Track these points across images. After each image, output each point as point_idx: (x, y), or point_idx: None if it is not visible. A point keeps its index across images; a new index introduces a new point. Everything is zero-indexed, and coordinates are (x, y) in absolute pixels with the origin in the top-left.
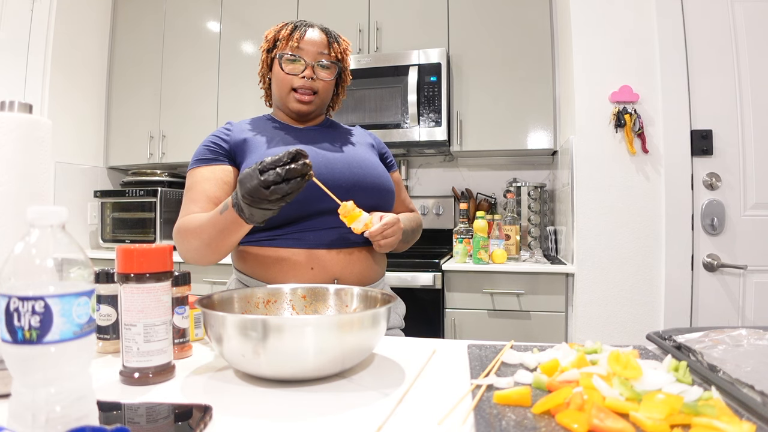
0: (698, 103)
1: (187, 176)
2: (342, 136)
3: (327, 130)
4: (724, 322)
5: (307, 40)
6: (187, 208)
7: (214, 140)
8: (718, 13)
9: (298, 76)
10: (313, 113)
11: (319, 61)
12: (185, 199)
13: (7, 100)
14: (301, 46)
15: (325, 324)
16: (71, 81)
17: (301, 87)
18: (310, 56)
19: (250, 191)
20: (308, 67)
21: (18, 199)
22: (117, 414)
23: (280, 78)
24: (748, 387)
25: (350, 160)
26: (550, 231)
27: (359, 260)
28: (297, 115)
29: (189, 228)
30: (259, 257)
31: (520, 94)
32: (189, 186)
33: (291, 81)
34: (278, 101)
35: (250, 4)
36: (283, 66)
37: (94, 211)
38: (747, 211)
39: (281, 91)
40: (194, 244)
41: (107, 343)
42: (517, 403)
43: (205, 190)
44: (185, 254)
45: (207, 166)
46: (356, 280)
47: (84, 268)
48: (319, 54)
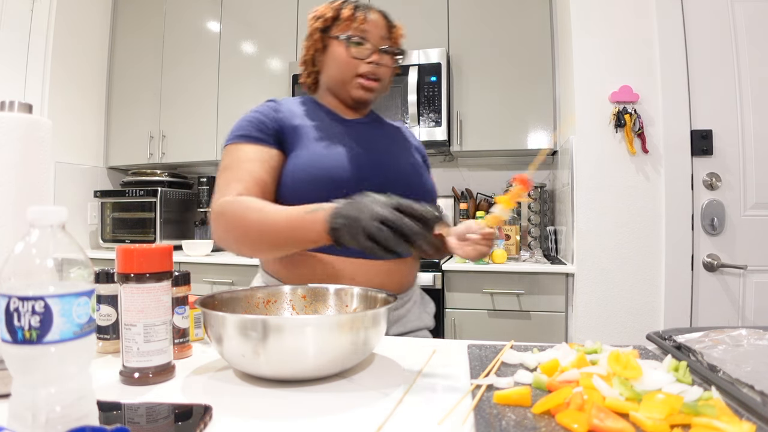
0: (698, 103)
1: (226, 151)
2: (390, 134)
3: (374, 125)
4: (724, 322)
5: (371, 21)
6: (230, 186)
7: (260, 118)
8: (718, 13)
9: (365, 61)
10: (371, 102)
11: (383, 46)
12: (225, 175)
13: (7, 100)
14: (366, 27)
15: (325, 324)
16: (71, 81)
17: (367, 73)
18: (375, 39)
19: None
20: (375, 52)
21: (18, 199)
22: (117, 414)
23: (343, 62)
24: (748, 387)
25: (403, 167)
26: (550, 231)
27: (398, 270)
28: (355, 103)
29: (241, 217)
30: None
31: (520, 94)
32: (230, 163)
33: (356, 66)
34: (335, 86)
35: (250, 4)
36: (350, 49)
37: (94, 211)
38: (747, 211)
39: (343, 76)
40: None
41: (107, 343)
42: (517, 403)
43: (251, 171)
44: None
45: (253, 145)
46: (396, 288)
47: (84, 268)
48: (382, 38)
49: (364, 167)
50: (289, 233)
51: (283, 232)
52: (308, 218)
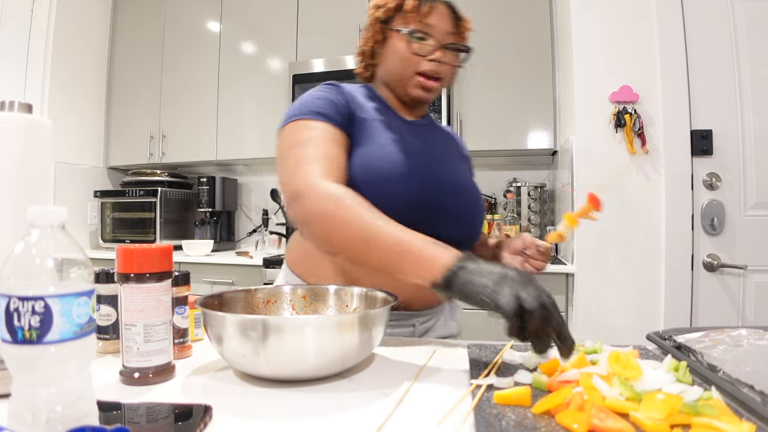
0: (698, 103)
1: (296, 127)
2: (445, 141)
3: (431, 128)
4: (724, 322)
5: (437, 14)
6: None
7: (332, 99)
8: (718, 13)
9: (426, 58)
10: (428, 102)
11: (448, 42)
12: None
13: (8, 100)
14: (430, 21)
15: (325, 324)
16: (71, 81)
17: (428, 71)
18: (439, 34)
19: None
20: (439, 49)
21: (18, 198)
22: (117, 414)
23: (404, 57)
24: (748, 387)
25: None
26: (550, 231)
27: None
28: (412, 102)
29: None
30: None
31: (520, 94)
32: (311, 138)
33: (417, 63)
34: (392, 82)
35: (250, 4)
36: (412, 44)
37: (94, 211)
38: (747, 211)
39: (403, 72)
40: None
41: (107, 343)
42: (517, 403)
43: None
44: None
45: (330, 125)
46: (425, 304)
47: (84, 268)
48: (447, 33)
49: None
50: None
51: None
52: (427, 250)
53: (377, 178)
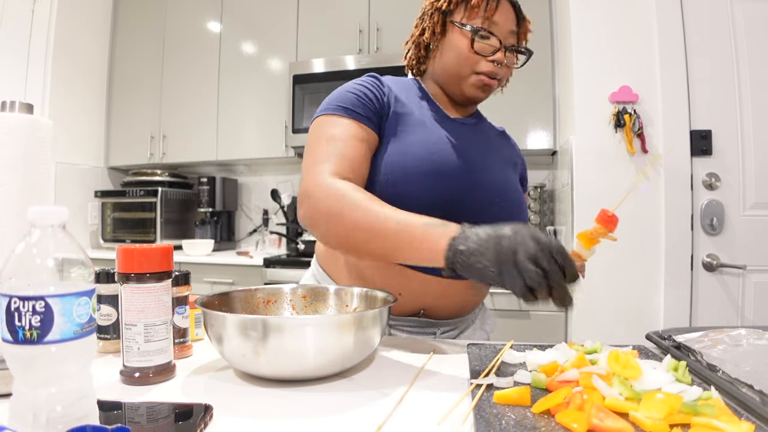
0: (698, 103)
1: (323, 122)
2: (490, 142)
3: (479, 127)
4: (724, 321)
5: (502, 12)
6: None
7: (366, 93)
8: (718, 13)
9: (487, 59)
10: (481, 102)
11: (510, 44)
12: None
13: (8, 101)
14: (495, 19)
15: (325, 324)
16: (72, 81)
17: (488, 72)
18: (503, 34)
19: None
20: (501, 50)
21: (19, 198)
22: (117, 413)
23: (464, 55)
24: (747, 386)
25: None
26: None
27: (456, 292)
28: (466, 101)
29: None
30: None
31: (519, 94)
32: (332, 135)
33: (477, 62)
34: (447, 78)
35: (250, 4)
36: (476, 43)
37: (94, 211)
38: (746, 211)
39: (460, 70)
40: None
41: (108, 342)
42: (517, 403)
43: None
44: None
45: (355, 121)
46: (445, 313)
47: (84, 268)
48: (510, 33)
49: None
50: (400, 242)
51: (394, 238)
52: (427, 231)
53: (400, 175)
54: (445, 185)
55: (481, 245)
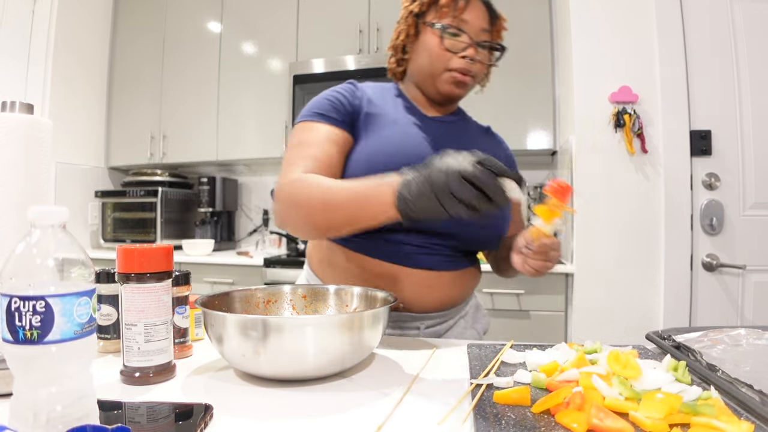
0: (697, 103)
1: (299, 128)
2: (473, 139)
3: (458, 125)
4: (723, 321)
5: (472, 10)
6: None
7: (339, 98)
8: (717, 13)
9: (458, 55)
10: (458, 99)
11: (482, 40)
12: (294, 153)
13: (9, 101)
14: (464, 17)
15: (325, 324)
16: (72, 81)
17: (460, 68)
18: (473, 31)
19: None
20: (472, 46)
21: (19, 199)
22: (118, 413)
23: (435, 53)
24: (746, 386)
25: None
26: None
27: (435, 284)
28: (442, 98)
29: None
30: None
31: (519, 94)
32: (301, 140)
33: (448, 59)
34: (422, 78)
35: (250, 5)
36: (445, 40)
37: (94, 211)
38: (746, 211)
39: (433, 68)
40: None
41: (108, 342)
42: (517, 403)
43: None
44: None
45: (326, 125)
46: (427, 307)
47: (85, 268)
48: (481, 30)
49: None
50: (354, 207)
51: (347, 205)
52: (374, 190)
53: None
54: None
55: (421, 186)
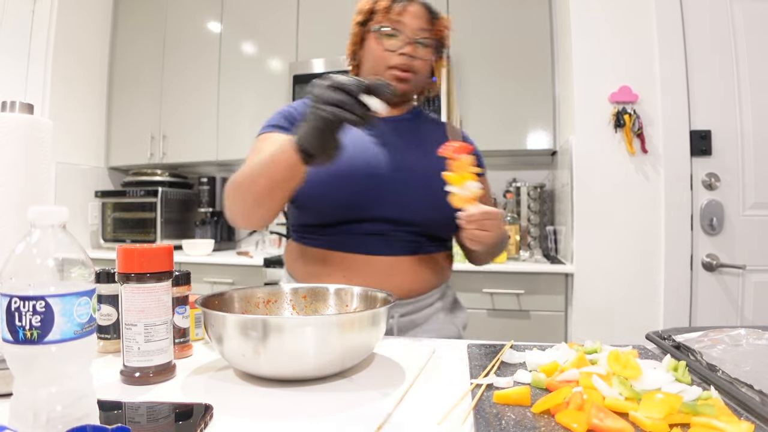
0: (697, 103)
1: (255, 141)
2: (429, 131)
3: (412, 122)
4: (724, 321)
5: (409, 13)
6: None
7: (291, 111)
8: (717, 13)
9: (396, 53)
10: (406, 95)
11: (419, 38)
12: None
13: (8, 101)
14: (401, 19)
15: (325, 324)
16: (72, 81)
17: (399, 65)
18: (410, 31)
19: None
20: (409, 44)
21: (19, 199)
22: (118, 413)
23: (376, 54)
24: (747, 386)
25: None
26: (549, 231)
27: (403, 271)
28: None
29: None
30: (301, 257)
31: (519, 94)
32: (254, 149)
33: (388, 58)
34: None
35: (250, 4)
36: (382, 41)
37: (94, 211)
38: (746, 211)
39: (376, 68)
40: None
41: (108, 342)
42: (517, 403)
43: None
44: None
45: (279, 133)
46: (398, 292)
47: (85, 268)
48: (420, 30)
49: (378, 165)
50: (269, 170)
51: (264, 172)
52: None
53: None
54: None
55: (305, 125)
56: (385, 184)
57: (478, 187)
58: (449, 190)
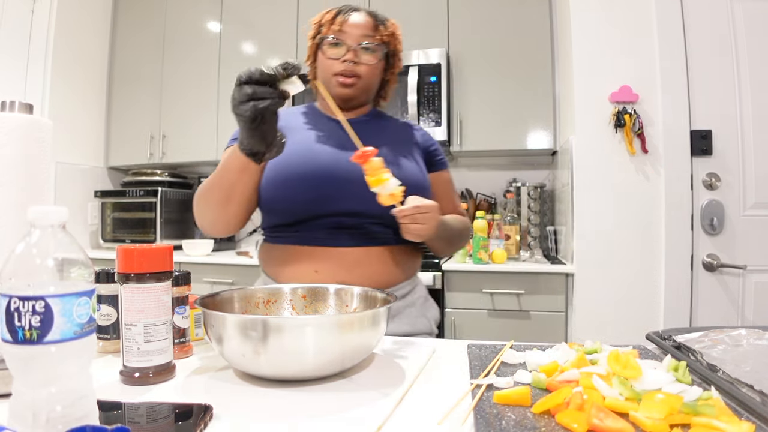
0: (698, 103)
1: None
2: (386, 130)
3: (370, 122)
4: (724, 321)
5: (351, 22)
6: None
7: None
8: (718, 13)
9: (340, 60)
10: (355, 99)
11: (362, 44)
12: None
13: (8, 101)
14: (343, 29)
15: (325, 324)
16: (72, 81)
17: (343, 71)
18: (352, 39)
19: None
20: (350, 51)
21: (19, 199)
22: (117, 414)
23: (323, 64)
24: (747, 387)
25: (389, 159)
26: (549, 231)
27: (372, 262)
28: (339, 101)
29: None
30: (273, 255)
31: (520, 94)
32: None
33: (333, 66)
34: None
35: (250, 4)
36: (326, 50)
37: (94, 211)
38: (746, 211)
39: (325, 77)
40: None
41: (107, 342)
42: (517, 403)
43: None
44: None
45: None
46: (368, 284)
47: (84, 268)
48: (362, 36)
49: (334, 161)
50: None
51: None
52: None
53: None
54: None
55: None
56: (342, 179)
57: (397, 184)
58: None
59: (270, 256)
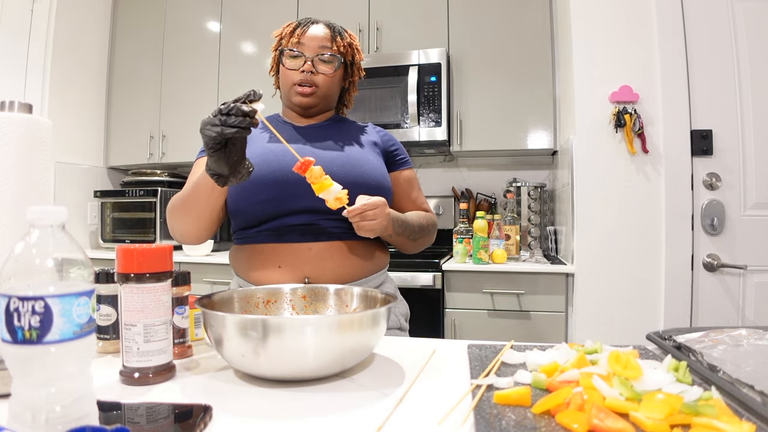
0: (698, 103)
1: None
2: (346, 133)
3: (332, 126)
4: (724, 322)
5: (309, 35)
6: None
7: None
8: (718, 13)
9: (298, 71)
10: (315, 107)
11: (319, 55)
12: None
13: (8, 100)
14: (302, 41)
15: (325, 324)
16: (71, 81)
17: (300, 81)
18: (310, 51)
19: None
20: (307, 61)
21: (18, 198)
22: (117, 414)
23: (283, 74)
24: (748, 387)
25: (347, 159)
26: (550, 231)
27: (334, 257)
28: (300, 109)
29: (171, 204)
30: (240, 256)
31: (520, 94)
32: (192, 172)
33: (292, 76)
34: (284, 98)
35: (250, 4)
36: (285, 62)
37: (94, 211)
38: (747, 211)
39: (285, 87)
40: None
41: (107, 343)
42: (517, 403)
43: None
44: (172, 228)
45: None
46: (332, 278)
47: (84, 268)
48: (320, 48)
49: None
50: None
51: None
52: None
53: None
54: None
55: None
56: (293, 179)
57: (340, 188)
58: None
59: (238, 257)
